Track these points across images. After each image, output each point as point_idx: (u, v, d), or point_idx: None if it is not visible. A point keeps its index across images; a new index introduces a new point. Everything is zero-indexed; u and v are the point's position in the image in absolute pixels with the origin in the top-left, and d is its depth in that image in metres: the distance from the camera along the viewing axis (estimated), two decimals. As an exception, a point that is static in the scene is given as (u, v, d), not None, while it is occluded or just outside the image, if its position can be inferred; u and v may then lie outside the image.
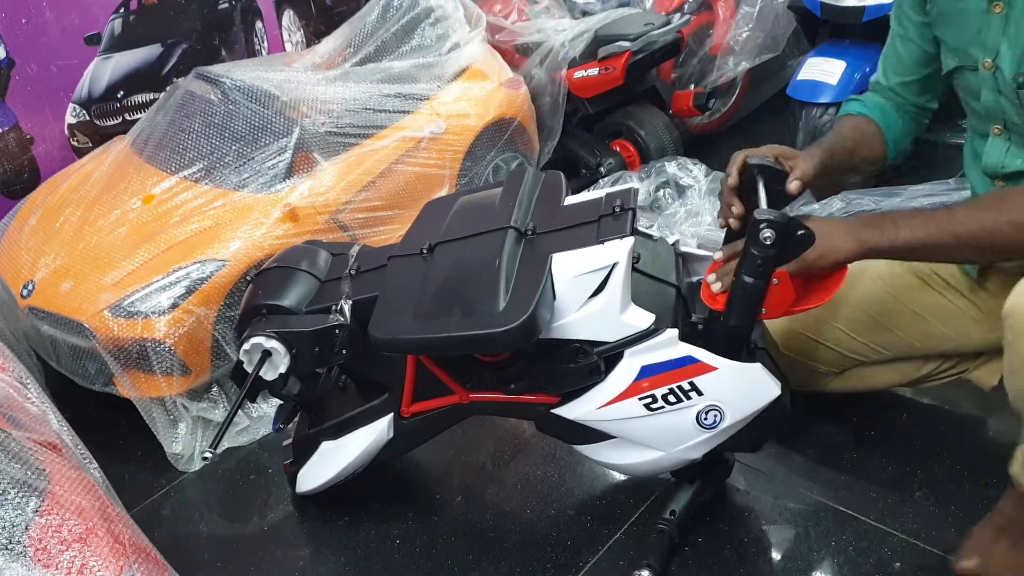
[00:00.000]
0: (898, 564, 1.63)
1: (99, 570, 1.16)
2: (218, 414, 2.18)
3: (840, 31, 2.83)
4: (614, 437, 1.58)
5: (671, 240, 1.70)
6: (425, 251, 1.58)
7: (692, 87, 3.27)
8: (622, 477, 1.90)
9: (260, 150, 2.38)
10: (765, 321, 1.66)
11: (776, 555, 1.70)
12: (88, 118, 2.85)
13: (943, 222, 1.36)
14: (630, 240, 1.45)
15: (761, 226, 1.31)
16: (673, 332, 1.46)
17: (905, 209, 1.40)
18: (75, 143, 2.84)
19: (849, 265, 1.43)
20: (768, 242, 1.32)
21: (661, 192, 2.83)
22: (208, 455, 1.55)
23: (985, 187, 1.57)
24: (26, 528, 1.15)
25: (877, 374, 1.82)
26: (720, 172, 2.81)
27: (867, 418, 1.94)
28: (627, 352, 1.48)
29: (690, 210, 2.72)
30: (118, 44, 2.86)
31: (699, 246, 2.42)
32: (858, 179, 2.34)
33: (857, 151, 1.64)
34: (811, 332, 1.77)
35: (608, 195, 1.59)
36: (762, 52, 3.19)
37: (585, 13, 3.26)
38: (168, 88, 2.66)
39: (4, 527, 1.13)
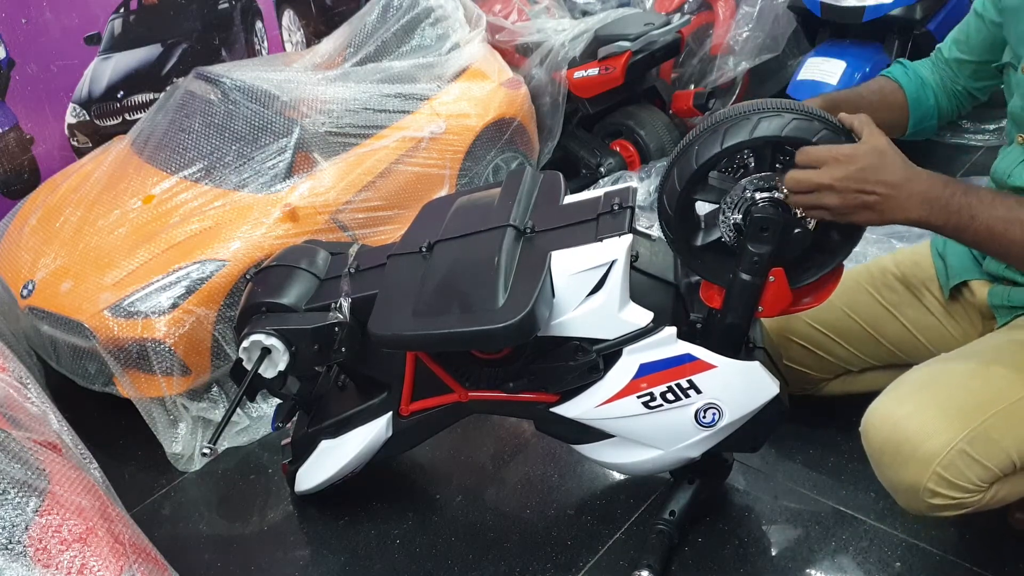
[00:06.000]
0: (898, 564, 1.63)
1: (99, 570, 1.16)
2: (218, 414, 2.18)
3: (840, 31, 2.83)
4: (613, 436, 1.58)
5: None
6: (424, 249, 1.58)
7: (692, 87, 3.27)
8: (622, 477, 1.90)
9: (260, 150, 2.39)
10: (764, 321, 1.66)
11: (776, 555, 1.70)
12: (88, 118, 2.85)
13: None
14: (628, 238, 1.45)
15: (759, 223, 1.32)
16: (671, 330, 1.46)
17: (987, 189, 1.30)
18: (75, 143, 2.84)
19: (843, 271, 1.42)
20: (765, 239, 1.32)
21: (661, 192, 2.83)
22: (207, 451, 1.55)
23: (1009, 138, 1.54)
24: (26, 528, 1.15)
25: (871, 379, 1.81)
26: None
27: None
28: (626, 350, 1.48)
29: (690, 210, 2.72)
30: (118, 44, 2.86)
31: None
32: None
33: (870, 112, 1.51)
34: (799, 338, 1.77)
35: (607, 194, 1.59)
36: (762, 52, 3.19)
37: (585, 13, 3.26)
38: (168, 88, 2.66)
39: (4, 527, 1.13)
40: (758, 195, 1.32)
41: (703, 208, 1.41)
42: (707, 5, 3.29)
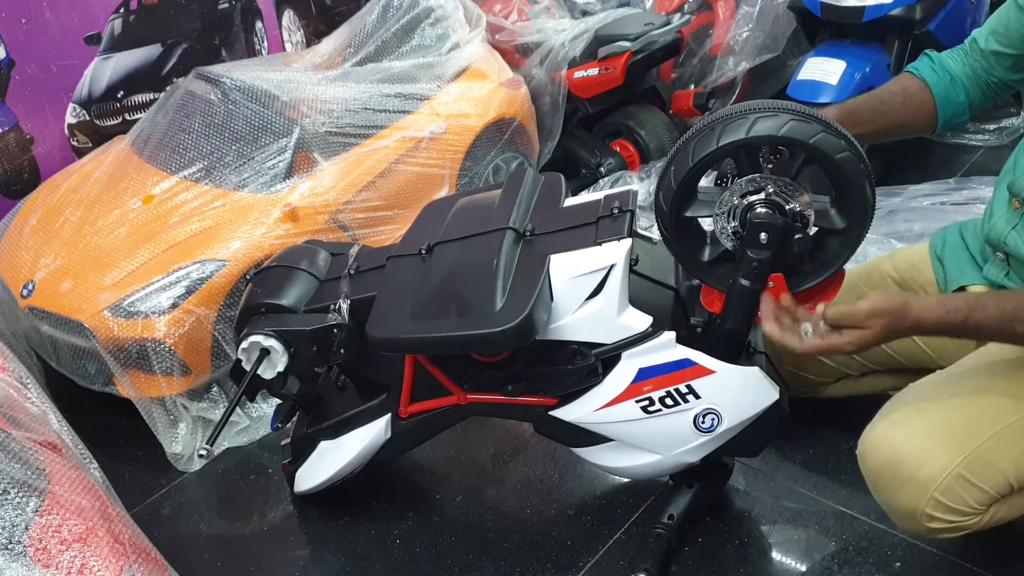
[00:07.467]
0: (898, 564, 1.63)
1: (99, 570, 1.16)
2: (218, 414, 2.18)
3: (840, 31, 2.83)
4: (612, 440, 1.58)
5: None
6: (424, 251, 1.58)
7: (692, 87, 3.27)
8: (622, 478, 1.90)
9: (260, 150, 2.39)
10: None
11: (776, 555, 1.70)
12: (88, 118, 2.85)
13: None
14: (628, 242, 1.45)
15: (757, 229, 1.32)
16: (671, 335, 1.46)
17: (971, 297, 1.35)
18: (75, 143, 2.84)
19: (844, 276, 1.42)
20: (764, 245, 1.32)
21: (661, 192, 2.83)
22: (204, 452, 1.55)
23: (1001, 199, 1.53)
24: (26, 528, 1.15)
25: (871, 381, 1.81)
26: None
27: (867, 418, 1.93)
28: (624, 354, 1.48)
29: (690, 210, 2.72)
30: (118, 44, 2.86)
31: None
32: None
33: (893, 115, 1.53)
34: None
35: (607, 197, 1.59)
36: (762, 52, 3.19)
37: (585, 13, 3.26)
38: (168, 88, 2.66)
39: (4, 527, 1.13)
40: (748, 199, 1.33)
41: (708, 223, 1.41)
42: (707, 5, 3.28)
